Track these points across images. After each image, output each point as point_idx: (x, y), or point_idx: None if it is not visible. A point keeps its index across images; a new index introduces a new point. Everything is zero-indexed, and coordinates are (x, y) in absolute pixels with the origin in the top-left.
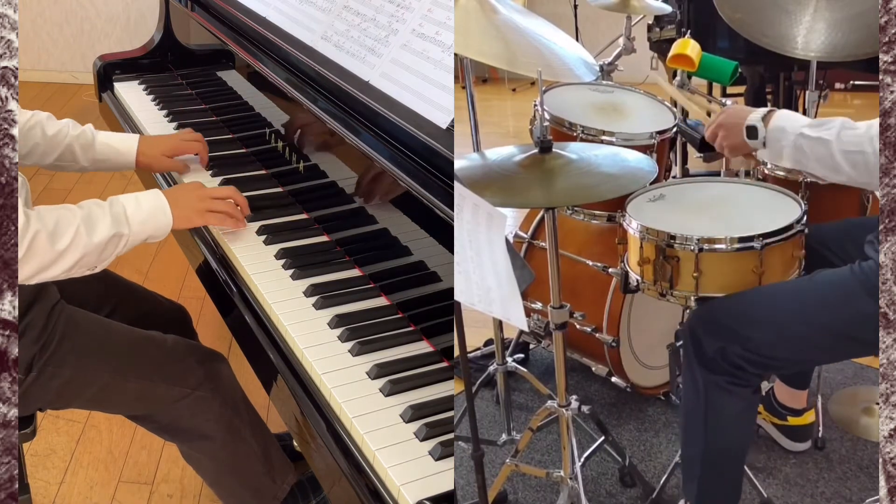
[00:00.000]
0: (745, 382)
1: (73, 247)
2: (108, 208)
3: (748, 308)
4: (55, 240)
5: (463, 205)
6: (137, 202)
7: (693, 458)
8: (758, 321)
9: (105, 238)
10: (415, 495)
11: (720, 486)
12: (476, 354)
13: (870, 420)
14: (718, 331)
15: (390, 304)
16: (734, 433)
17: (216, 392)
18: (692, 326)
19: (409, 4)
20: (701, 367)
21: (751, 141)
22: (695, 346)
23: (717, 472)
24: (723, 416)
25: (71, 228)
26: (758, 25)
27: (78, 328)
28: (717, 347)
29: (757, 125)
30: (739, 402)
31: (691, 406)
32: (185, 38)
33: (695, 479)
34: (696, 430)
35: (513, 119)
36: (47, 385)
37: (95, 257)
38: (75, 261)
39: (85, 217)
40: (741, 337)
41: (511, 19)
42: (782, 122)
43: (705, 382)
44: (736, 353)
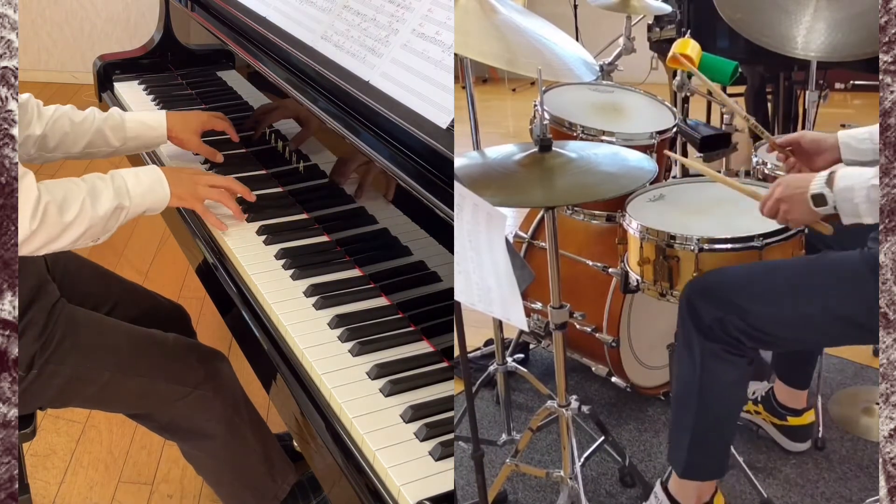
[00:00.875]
0: (741, 353)
1: (80, 218)
2: (109, 181)
3: (750, 281)
4: (63, 211)
5: (463, 205)
6: (137, 176)
7: (683, 428)
8: (759, 295)
9: (109, 210)
10: (415, 495)
11: (708, 458)
12: (476, 354)
13: (870, 420)
14: (718, 301)
15: (390, 304)
16: (727, 402)
17: (217, 391)
18: (689, 296)
19: (409, 4)
20: (698, 335)
21: (820, 209)
22: (692, 315)
23: (707, 443)
24: (717, 383)
25: (78, 200)
26: (758, 25)
27: (78, 326)
28: (715, 317)
29: (824, 192)
30: (734, 371)
31: (685, 374)
32: (185, 38)
33: (683, 450)
34: (689, 398)
35: (513, 119)
36: (48, 383)
37: (100, 228)
38: (81, 232)
39: (90, 189)
40: (741, 309)
41: (511, 19)
42: (848, 180)
43: (702, 349)
44: (734, 324)
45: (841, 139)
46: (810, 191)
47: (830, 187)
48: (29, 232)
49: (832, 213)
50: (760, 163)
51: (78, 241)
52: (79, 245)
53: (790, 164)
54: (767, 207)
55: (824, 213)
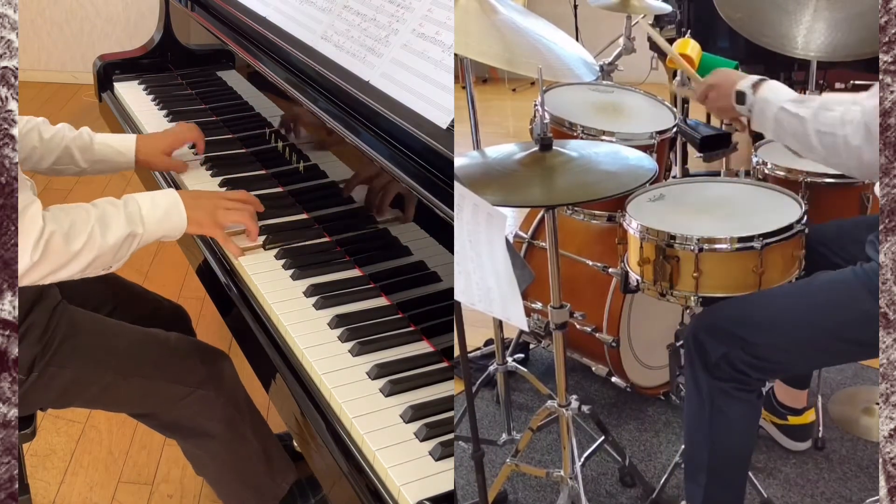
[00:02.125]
0: (749, 387)
1: (88, 248)
2: (122, 207)
3: (750, 313)
4: (70, 240)
5: (463, 205)
6: (153, 201)
7: (698, 465)
8: (760, 326)
9: (120, 238)
10: (415, 495)
11: (725, 491)
12: (476, 354)
13: (870, 420)
14: (722, 336)
15: (390, 304)
16: (739, 437)
17: (219, 390)
18: (695, 332)
19: (409, 4)
20: (705, 373)
21: (739, 106)
22: (698, 352)
23: (723, 477)
24: (728, 420)
25: (86, 229)
26: (758, 25)
27: (80, 328)
28: (721, 353)
29: (746, 91)
30: (744, 407)
31: (695, 411)
32: (185, 38)
33: (700, 486)
34: (701, 436)
35: (513, 119)
36: (49, 385)
37: (110, 257)
38: (89, 261)
39: (99, 217)
40: (745, 342)
41: (511, 19)
42: (769, 93)
43: (710, 388)
44: (740, 358)
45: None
46: (736, 87)
47: (755, 92)
48: (30, 262)
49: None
50: (760, 163)
51: (87, 269)
52: (88, 273)
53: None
54: (699, 91)
55: (741, 112)
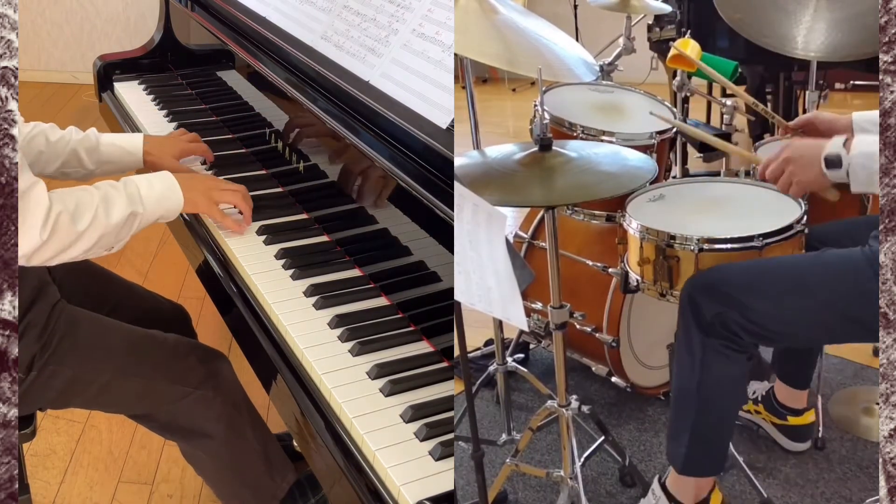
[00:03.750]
0: (741, 349)
1: (93, 227)
2: (122, 188)
3: (751, 277)
4: (76, 220)
5: (463, 205)
6: (150, 183)
7: (682, 424)
8: (759, 291)
9: (122, 217)
10: (415, 495)
11: (707, 453)
12: (476, 354)
13: (870, 420)
14: (718, 296)
15: (390, 304)
16: (726, 398)
17: (217, 391)
18: (690, 291)
19: (409, 4)
20: (698, 330)
21: (832, 171)
22: (693, 310)
23: (706, 439)
24: (717, 379)
25: (90, 209)
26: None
27: (78, 327)
28: (715, 312)
29: (840, 153)
30: (734, 367)
31: (685, 371)
32: (185, 38)
33: (682, 446)
34: (689, 394)
35: (513, 119)
36: (48, 384)
37: (113, 237)
38: (94, 241)
39: (102, 197)
40: (741, 305)
41: (511, 19)
42: (867, 147)
43: (702, 345)
44: (734, 319)
45: (855, 120)
46: (825, 151)
47: (847, 150)
48: (40, 241)
49: (842, 180)
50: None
51: (91, 249)
52: (92, 254)
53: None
54: (771, 169)
55: (835, 178)
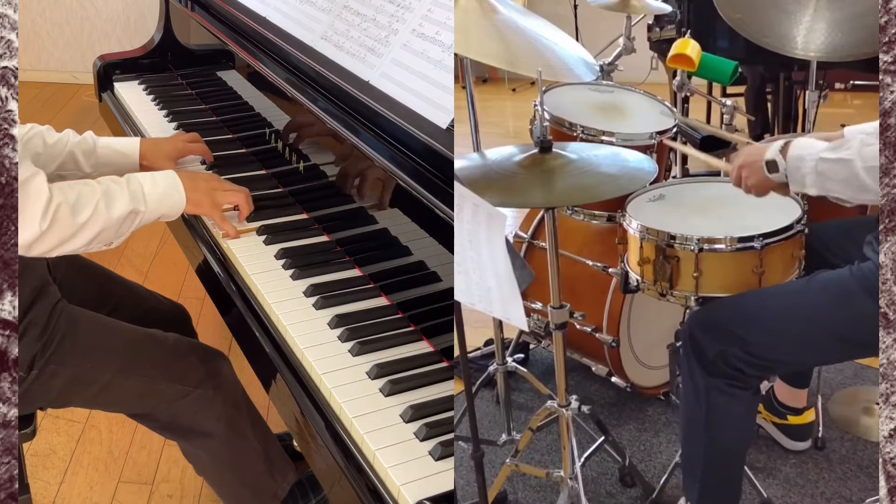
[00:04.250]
0: (746, 385)
1: (93, 220)
2: (125, 185)
3: (747, 311)
4: (76, 212)
5: (463, 205)
6: (153, 180)
7: (694, 460)
8: (757, 324)
9: (123, 213)
10: (415, 495)
11: (721, 487)
12: (476, 354)
13: (870, 420)
14: (718, 334)
15: (390, 304)
16: (735, 434)
17: (218, 390)
18: (691, 329)
19: (409, 4)
20: (701, 370)
21: (773, 175)
22: (695, 349)
23: (719, 473)
24: (724, 417)
25: (91, 202)
26: (758, 25)
27: (79, 327)
28: (717, 350)
29: (776, 158)
30: (740, 404)
31: (691, 408)
32: (185, 38)
33: (696, 481)
34: (697, 432)
35: (513, 119)
36: (48, 384)
37: (113, 232)
38: (94, 234)
39: (104, 191)
40: (741, 340)
41: (511, 19)
42: (799, 150)
43: (706, 385)
44: (736, 355)
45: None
46: (765, 157)
47: (783, 156)
48: (39, 232)
49: (784, 180)
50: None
51: (91, 243)
52: (92, 248)
53: None
54: (732, 176)
55: (777, 180)
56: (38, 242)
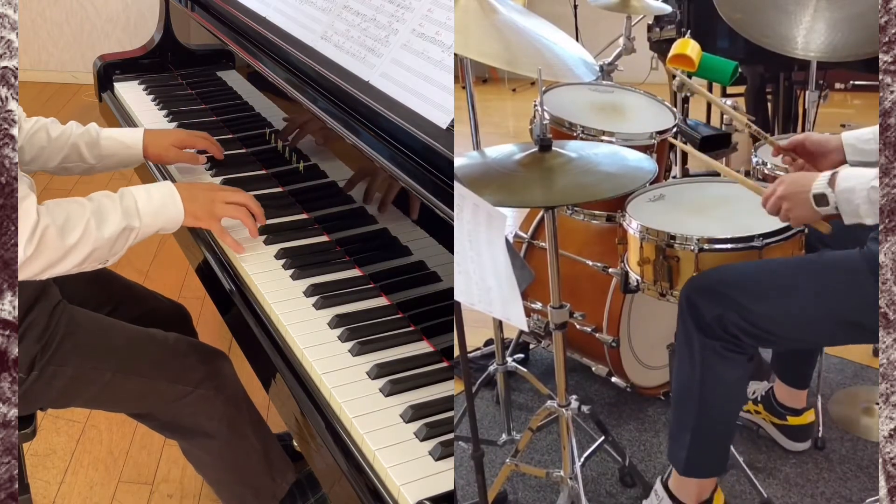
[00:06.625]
0: (740, 350)
1: (83, 241)
2: (118, 201)
3: (750, 279)
4: (65, 234)
5: (463, 205)
6: (148, 194)
7: (683, 425)
8: (758, 293)
9: (115, 232)
10: (415, 495)
11: (709, 454)
12: (476, 354)
13: (870, 420)
14: (717, 297)
15: (390, 304)
16: (728, 400)
17: (218, 390)
18: (689, 292)
19: (409, 4)
20: (697, 332)
21: (822, 209)
22: (692, 312)
23: (707, 440)
24: (717, 381)
25: (81, 223)
26: (758, 25)
27: (79, 327)
28: (715, 314)
29: (826, 192)
30: (734, 368)
31: (685, 373)
32: (185, 38)
33: (684, 448)
34: (689, 396)
35: (513, 119)
36: (49, 384)
37: (106, 251)
38: (85, 255)
39: (95, 210)
40: (740, 306)
41: (511, 19)
42: (848, 181)
43: (702, 347)
44: (733, 321)
45: (845, 140)
46: (812, 190)
47: (832, 188)
48: (24, 258)
49: (833, 213)
50: (760, 163)
51: (83, 264)
52: (85, 268)
53: (798, 166)
54: (770, 204)
55: (826, 213)
56: (26, 267)
